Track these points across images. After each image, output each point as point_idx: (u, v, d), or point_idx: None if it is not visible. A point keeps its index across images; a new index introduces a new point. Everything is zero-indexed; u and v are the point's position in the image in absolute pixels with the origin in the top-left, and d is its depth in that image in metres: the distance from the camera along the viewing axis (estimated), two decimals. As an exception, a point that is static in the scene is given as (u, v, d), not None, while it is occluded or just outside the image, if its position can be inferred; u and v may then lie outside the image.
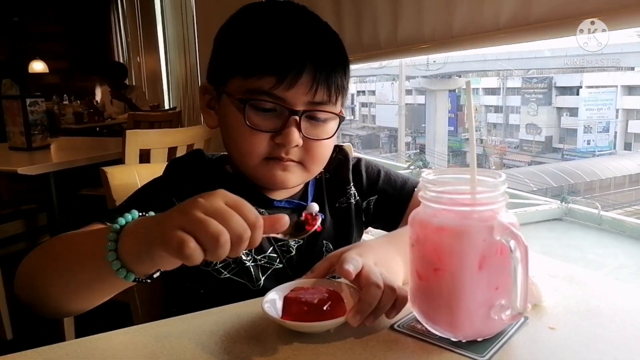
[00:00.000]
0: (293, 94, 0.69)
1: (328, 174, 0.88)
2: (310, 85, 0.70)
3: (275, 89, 0.69)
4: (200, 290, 0.76)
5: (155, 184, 0.79)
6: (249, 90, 0.70)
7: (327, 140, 0.75)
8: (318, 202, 0.83)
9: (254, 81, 0.69)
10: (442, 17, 1.19)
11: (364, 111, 22.93)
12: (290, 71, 0.68)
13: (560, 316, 0.60)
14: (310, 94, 0.70)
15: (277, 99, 0.70)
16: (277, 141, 0.71)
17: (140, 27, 5.40)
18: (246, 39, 0.72)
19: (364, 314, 0.56)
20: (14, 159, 2.23)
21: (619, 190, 13.19)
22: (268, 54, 0.69)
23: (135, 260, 0.52)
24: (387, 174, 0.90)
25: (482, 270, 0.52)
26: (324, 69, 0.71)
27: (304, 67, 0.69)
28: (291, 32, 0.71)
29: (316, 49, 0.71)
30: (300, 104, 0.70)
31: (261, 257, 0.77)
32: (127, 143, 1.81)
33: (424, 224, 0.55)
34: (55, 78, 6.40)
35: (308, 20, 0.75)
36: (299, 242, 0.81)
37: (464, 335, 0.54)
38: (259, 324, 0.60)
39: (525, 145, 18.35)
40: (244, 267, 0.75)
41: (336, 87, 0.72)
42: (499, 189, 0.53)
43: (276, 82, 0.68)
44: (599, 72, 16.27)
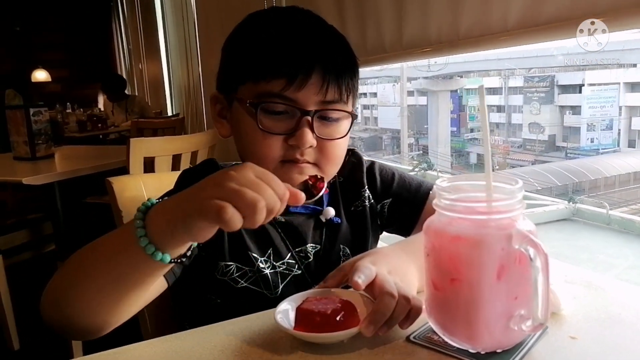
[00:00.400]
0: (304, 94, 0.69)
1: (342, 177, 0.87)
2: (321, 85, 0.70)
3: (286, 90, 0.69)
4: (217, 301, 0.76)
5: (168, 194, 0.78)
6: (259, 94, 0.70)
7: (340, 140, 0.75)
8: (333, 206, 0.83)
9: (264, 85, 0.69)
10: (449, 19, 1.17)
11: (366, 113, 22.92)
12: (299, 72, 0.68)
13: (580, 325, 0.58)
14: (321, 93, 0.70)
15: (289, 101, 0.69)
16: (290, 143, 0.71)
17: (141, 34, 5.41)
18: (254, 44, 0.72)
19: (377, 324, 0.55)
20: (18, 169, 2.23)
21: (624, 188, 13.13)
22: (276, 57, 0.69)
23: (168, 238, 0.52)
24: (402, 177, 0.90)
25: (500, 280, 0.50)
26: (333, 67, 0.71)
27: (313, 67, 0.69)
28: (298, 35, 0.71)
29: (324, 49, 0.71)
30: (311, 104, 0.70)
31: (280, 264, 0.77)
32: (131, 151, 1.80)
33: (439, 233, 0.53)
34: (57, 87, 6.43)
35: (314, 23, 0.75)
36: (317, 247, 0.80)
37: (483, 347, 0.53)
38: (271, 335, 0.59)
39: (528, 145, 18.30)
40: (262, 275, 0.75)
41: (347, 86, 0.72)
42: (516, 195, 0.51)
43: (286, 83, 0.68)
44: (601, 69, 16.22)
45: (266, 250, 0.77)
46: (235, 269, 0.75)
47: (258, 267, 0.75)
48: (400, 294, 0.57)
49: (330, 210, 0.82)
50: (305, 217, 0.82)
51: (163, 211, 0.54)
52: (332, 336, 0.56)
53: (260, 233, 0.78)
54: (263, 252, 0.77)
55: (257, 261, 0.76)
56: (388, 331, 0.56)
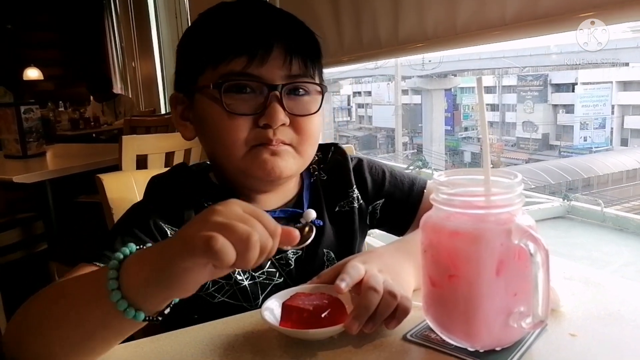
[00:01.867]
0: (268, 69, 0.66)
1: (325, 175, 0.82)
2: (284, 58, 0.67)
3: (248, 67, 0.65)
4: (194, 317, 0.69)
5: (139, 208, 0.73)
6: (221, 77, 0.66)
7: (314, 117, 0.71)
8: (315, 207, 0.78)
9: (224, 66, 0.66)
10: (445, 13, 1.16)
11: (361, 112, 22.93)
12: (259, 47, 0.65)
13: (580, 322, 0.57)
14: (285, 67, 0.67)
15: (253, 78, 0.66)
16: (261, 123, 0.66)
17: (134, 32, 5.36)
18: (208, 33, 0.70)
19: (361, 320, 0.54)
20: (9, 167, 2.20)
21: (617, 187, 13.21)
22: (234, 36, 0.67)
23: (144, 293, 0.46)
24: (393, 175, 0.85)
25: (499, 276, 0.49)
26: (295, 41, 0.68)
27: (274, 42, 0.66)
28: (254, 15, 0.70)
29: (282, 26, 0.70)
30: (277, 79, 0.67)
31: (259, 274, 0.73)
32: (123, 149, 1.78)
33: (437, 229, 0.52)
34: (50, 85, 6.37)
35: (269, 6, 0.74)
36: (298, 253, 0.76)
37: (482, 345, 0.52)
38: (264, 332, 0.58)
39: (522, 143, 18.38)
40: (240, 287, 0.71)
41: (311, 60, 0.70)
42: (515, 189, 0.50)
43: (248, 60, 0.65)
44: (594, 68, 16.32)
45: None
46: (210, 283, 0.70)
47: (235, 280, 0.71)
48: (385, 290, 0.55)
49: (312, 212, 0.76)
50: (284, 221, 0.75)
51: (141, 260, 0.48)
52: (318, 332, 0.55)
53: None
54: None
55: (235, 273, 0.71)
56: (374, 328, 0.54)
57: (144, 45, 5.09)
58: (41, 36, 6.45)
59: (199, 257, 0.43)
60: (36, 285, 0.58)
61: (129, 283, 0.47)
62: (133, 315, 0.46)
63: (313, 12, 1.68)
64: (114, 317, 0.47)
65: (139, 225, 0.68)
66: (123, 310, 0.46)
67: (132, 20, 5.34)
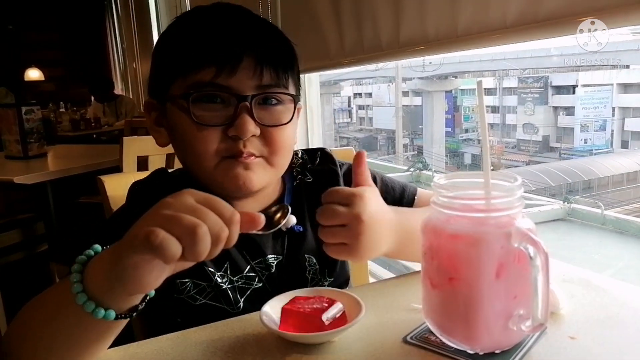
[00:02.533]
0: (237, 80, 0.65)
1: (312, 177, 0.81)
2: (254, 68, 0.65)
3: (217, 77, 0.64)
4: (178, 320, 0.68)
5: (120, 214, 0.74)
6: (190, 86, 0.65)
7: (286, 127, 0.69)
8: (297, 211, 0.75)
9: (193, 76, 0.65)
10: (446, 16, 1.16)
11: (361, 114, 22.93)
12: (229, 57, 0.64)
13: (580, 325, 0.57)
14: (255, 77, 0.65)
15: (222, 88, 0.65)
16: (230, 134, 0.65)
17: (135, 33, 5.37)
18: (179, 40, 0.69)
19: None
20: (10, 168, 2.20)
21: (617, 189, 13.20)
22: (203, 46, 0.65)
23: (105, 291, 0.46)
24: (384, 182, 0.84)
25: (499, 279, 0.49)
26: (266, 51, 0.66)
27: (244, 51, 0.65)
28: (224, 23, 0.68)
29: (254, 34, 0.68)
30: (247, 89, 0.65)
31: (238, 278, 0.72)
32: (124, 150, 1.78)
33: (437, 231, 0.52)
34: (51, 86, 6.38)
35: (242, 13, 0.71)
36: (279, 258, 0.75)
37: (482, 347, 0.52)
38: (259, 334, 0.58)
39: (522, 145, 18.38)
40: (220, 290, 0.70)
41: (283, 68, 0.68)
42: (515, 193, 0.51)
43: (216, 71, 0.64)
44: (595, 70, 16.32)
45: (222, 264, 0.71)
46: (192, 285, 0.69)
47: (216, 282, 0.70)
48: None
49: (292, 218, 0.74)
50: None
51: (100, 259, 0.48)
52: (318, 336, 0.55)
53: None
54: (219, 267, 0.71)
55: (215, 276, 0.70)
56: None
57: (145, 46, 5.10)
58: (42, 37, 6.46)
59: (142, 252, 0.43)
60: (36, 286, 0.59)
61: (91, 283, 0.47)
62: (103, 315, 0.46)
63: (314, 14, 1.68)
64: (86, 319, 0.47)
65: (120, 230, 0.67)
66: (91, 312, 0.46)
67: (133, 21, 5.35)
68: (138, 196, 0.74)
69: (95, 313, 0.46)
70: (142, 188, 0.75)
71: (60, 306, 0.50)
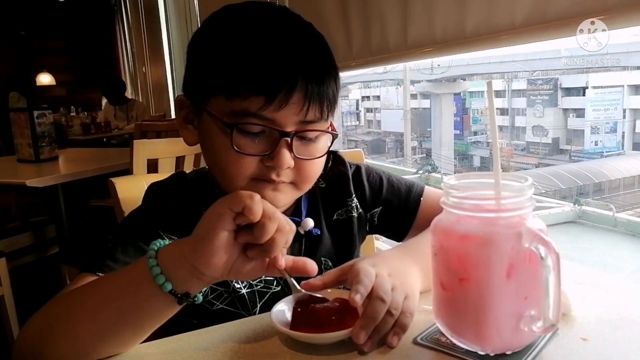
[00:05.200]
0: (284, 114, 0.63)
1: (324, 182, 0.82)
2: (302, 104, 0.63)
3: (264, 110, 0.62)
4: (193, 321, 0.70)
5: (138, 215, 0.74)
6: (234, 113, 0.63)
7: (319, 159, 0.70)
8: (313, 215, 0.78)
9: (239, 102, 0.62)
10: (454, 17, 1.15)
11: (369, 116, 22.90)
12: (280, 90, 0.61)
13: (591, 326, 0.57)
14: (301, 113, 0.63)
15: (267, 121, 0.63)
16: (267, 164, 0.65)
17: (145, 37, 5.42)
18: (226, 53, 0.64)
19: (367, 329, 0.54)
20: (22, 171, 2.23)
21: (629, 191, 13.05)
22: (254, 72, 0.62)
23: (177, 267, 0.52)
24: (390, 182, 0.85)
25: (510, 280, 0.49)
26: (316, 83, 0.64)
27: (296, 84, 0.62)
28: (277, 43, 0.63)
29: (307, 61, 0.64)
30: (290, 125, 0.64)
31: (257, 282, 0.73)
32: (134, 153, 1.79)
33: (448, 232, 0.52)
34: (62, 90, 6.46)
35: (293, 25, 0.67)
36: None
37: (492, 348, 0.52)
38: (269, 334, 0.59)
39: (532, 148, 18.24)
40: (238, 295, 0.72)
41: (328, 103, 0.66)
42: (526, 193, 0.50)
43: (265, 102, 0.61)
44: (605, 72, 16.17)
45: None
46: (209, 290, 0.71)
47: (234, 287, 0.72)
48: (391, 302, 0.55)
49: (309, 221, 0.77)
50: None
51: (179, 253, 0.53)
52: (329, 337, 0.55)
53: None
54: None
55: (233, 281, 0.72)
56: (372, 347, 0.54)
57: (154, 50, 5.14)
58: (53, 43, 6.55)
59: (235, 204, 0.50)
60: (48, 289, 0.60)
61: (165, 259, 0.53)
62: (162, 282, 0.52)
63: (322, 17, 1.68)
64: (153, 301, 0.53)
65: (139, 234, 0.68)
66: (170, 291, 0.52)
67: (143, 26, 5.40)
68: (156, 198, 0.75)
69: (164, 286, 0.52)
70: (161, 190, 0.76)
71: (128, 286, 0.55)
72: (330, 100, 0.67)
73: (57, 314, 0.58)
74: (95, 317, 0.55)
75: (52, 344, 0.55)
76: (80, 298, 0.58)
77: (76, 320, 0.56)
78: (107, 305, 0.55)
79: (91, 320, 0.55)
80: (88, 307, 0.56)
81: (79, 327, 0.55)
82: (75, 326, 0.55)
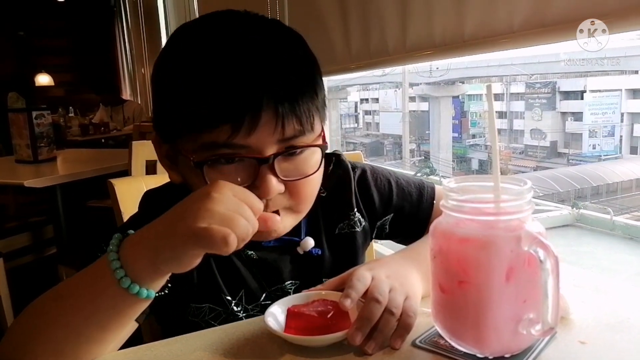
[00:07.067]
0: (256, 138, 0.57)
1: (326, 191, 0.76)
2: (275, 122, 0.57)
3: (234, 138, 0.56)
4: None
5: (133, 222, 0.72)
6: (203, 146, 0.58)
7: (312, 176, 0.63)
8: (313, 232, 0.74)
9: (206, 135, 0.57)
10: (453, 20, 1.16)
11: (368, 119, 22.88)
12: (245, 113, 0.56)
13: (590, 329, 0.57)
14: (277, 132, 0.58)
15: (240, 149, 0.58)
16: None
17: (144, 38, 5.42)
18: (184, 86, 0.59)
19: (363, 330, 0.54)
20: (20, 171, 2.23)
21: (627, 195, 13.06)
22: (214, 101, 0.57)
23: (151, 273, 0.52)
24: (399, 186, 0.81)
25: (509, 283, 0.49)
26: (287, 96, 0.58)
27: (262, 104, 0.56)
28: (237, 65, 0.58)
29: (273, 78, 0.58)
30: (268, 147, 0.58)
31: (253, 307, 0.71)
32: (133, 154, 1.79)
33: (447, 235, 0.52)
34: (60, 91, 6.45)
35: (259, 40, 0.60)
36: (296, 284, 0.73)
37: (491, 351, 0.52)
38: (265, 337, 0.59)
39: (530, 151, 18.24)
40: (237, 318, 0.70)
41: (307, 112, 0.60)
42: (525, 196, 0.51)
43: (232, 130, 0.56)
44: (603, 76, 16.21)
45: (238, 292, 0.70)
46: (208, 310, 0.70)
47: (232, 311, 0.70)
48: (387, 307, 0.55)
49: (309, 240, 0.72)
50: (280, 251, 0.72)
51: (142, 245, 0.52)
52: (323, 339, 0.55)
53: (231, 273, 0.70)
54: (235, 294, 0.70)
55: (231, 305, 0.70)
56: (376, 349, 0.54)
57: (153, 52, 5.14)
58: (52, 43, 6.54)
59: (211, 248, 0.48)
60: (45, 289, 0.59)
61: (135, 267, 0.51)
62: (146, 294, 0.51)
63: (321, 20, 1.69)
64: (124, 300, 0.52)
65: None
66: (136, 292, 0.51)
67: (142, 27, 5.40)
68: (152, 205, 0.73)
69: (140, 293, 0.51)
70: (156, 198, 0.74)
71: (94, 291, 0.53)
72: (310, 109, 0.60)
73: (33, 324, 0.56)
74: (69, 321, 0.54)
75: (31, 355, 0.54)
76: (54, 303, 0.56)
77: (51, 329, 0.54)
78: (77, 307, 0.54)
79: (65, 326, 0.54)
80: (62, 312, 0.55)
81: (56, 333, 0.54)
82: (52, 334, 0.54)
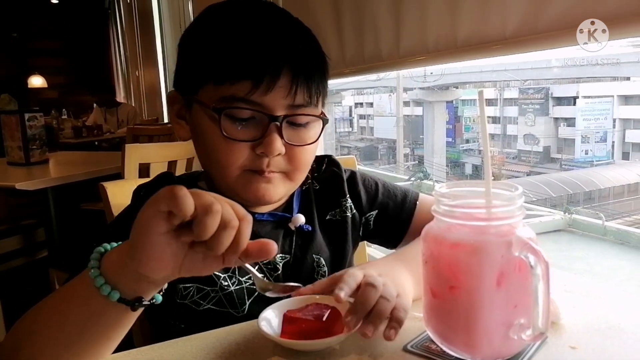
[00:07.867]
0: (271, 98, 0.64)
1: (318, 184, 0.82)
2: (290, 88, 0.64)
3: (252, 94, 0.63)
4: (181, 326, 0.70)
5: (124, 216, 0.74)
6: (222, 98, 0.64)
7: (311, 145, 0.70)
8: (305, 213, 0.78)
9: (227, 88, 0.64)
10: (446, 27, 1.17)
11: (362, 123, 22.99)
12: (266, 74, 0.63)
13: (580, 334, 0.57)
14: (289, 97, 0.65)
15: (255, 105, 0.64)
16: (258, 151, 0.66)
17: (138, 41, 5.41)
18: (215, 42, 0.66)
19: (358, 315, 0.54)
20: (12, 174, 2.21)
21: (618, 200, 13.18)
22: (240, 57, 0.64)
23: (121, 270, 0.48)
24: (385, 187, 0.86)
25: (500, 288, 0.50)
26: (303, 68, 0.65)
27: (282, 68, 0.64)
28: (263, 31, 0.66)
29: (292, 48, 0.66)
30: (279, 109, 0.65)
31: (247, 279, 0.72)
32: (126, 157, 1.78)
33: (438, 240, 0.53)
34: (54, 93, 6.42)
35: (280, 16, 0.69)
36: (286, 257, 0.75)
37: (482, 356, 0.52)
38: (260, 341, 0.58)
39: (523, 156, 18.38)
40: (226, 293, 0.70)
41: (316, 88, 0.67)
42: (516, 202, 0.51)
43: (252, 87, 0.63)
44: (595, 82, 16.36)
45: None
46: (195, 290, 0.70)
47: (221, 286, 0.70)
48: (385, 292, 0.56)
49: (300, 217, 0.77)
50: (273, 225, 0.76)
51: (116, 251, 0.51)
52: (318, 343, 0.55)
53: None
54: (226, 269, 0.71)
55: (220, 279, 0.70)
56: (374, 332, 0.53)
57: (147, 54, 5.13)
58: (46, 45, 6.52)
59: (160, 204, 0.44)
60: (36, 293, 0.59)
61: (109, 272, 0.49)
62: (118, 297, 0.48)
63: (316, 24, 1.69)
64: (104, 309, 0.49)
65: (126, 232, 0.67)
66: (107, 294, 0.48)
67: (137, 30, 5.39)
68: (142, 199, 0.74)
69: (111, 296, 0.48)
70: (147, 190, 0.75)
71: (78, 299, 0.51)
72: (319, 86, 0.68)
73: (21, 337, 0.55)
74: (57, 335, 0.52)
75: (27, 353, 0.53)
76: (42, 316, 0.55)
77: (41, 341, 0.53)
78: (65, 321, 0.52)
79: (54, 340, 0.52)
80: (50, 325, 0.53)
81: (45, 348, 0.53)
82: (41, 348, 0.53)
